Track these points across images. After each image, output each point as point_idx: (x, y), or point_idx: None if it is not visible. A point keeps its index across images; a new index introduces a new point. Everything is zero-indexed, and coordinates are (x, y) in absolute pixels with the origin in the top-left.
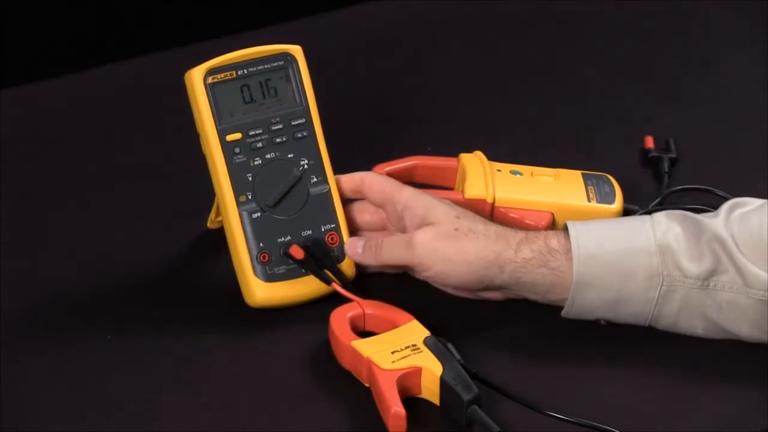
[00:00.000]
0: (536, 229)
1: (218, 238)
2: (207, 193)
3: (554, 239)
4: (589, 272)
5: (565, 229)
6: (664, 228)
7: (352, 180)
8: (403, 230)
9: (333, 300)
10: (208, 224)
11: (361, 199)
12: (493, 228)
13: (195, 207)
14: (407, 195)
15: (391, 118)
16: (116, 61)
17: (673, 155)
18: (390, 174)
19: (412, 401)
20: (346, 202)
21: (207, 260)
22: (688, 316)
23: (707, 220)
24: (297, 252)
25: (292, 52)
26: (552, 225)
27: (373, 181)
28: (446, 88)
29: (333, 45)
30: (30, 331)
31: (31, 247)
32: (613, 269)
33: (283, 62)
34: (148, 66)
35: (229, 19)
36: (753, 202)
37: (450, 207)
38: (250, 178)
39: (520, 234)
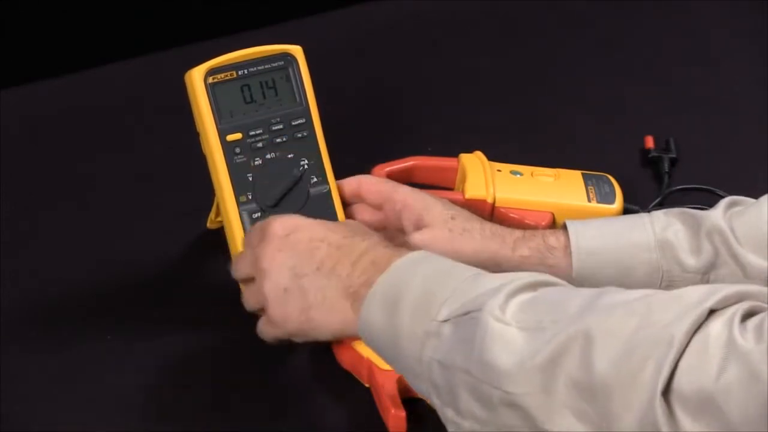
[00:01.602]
0: (536, 229)
1: (218, 238)
2: (207, 193)
3: (552, 237)
4: (589, 269)
5: (564, 227)
6: (663, 224)
7: (349, 184)
8: (401, 229)
9: None
10: (208, 224)
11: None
12: (489, 227)
13: (195, 207)
14: (404, 195)
15: (391, 118)
16: (116, 61)
17: (673, 155)
18: (390, 174)
19: (412, 401)
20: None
21: (207, 260)
22: None
23: (706, 213)
24: None
25: (292, 52)
26: (552, 225)
27: (370, 183)
28: (446, 88)
29: (333, 45)
30: (30, 331)
31: (31, 247)
32: (613, 265)
33: (283, 62)
34: (148, 66)
35: (229, 19)
36: (751, 201)
37: (446, 207)
38: (250, 179)
39: (517, 233)
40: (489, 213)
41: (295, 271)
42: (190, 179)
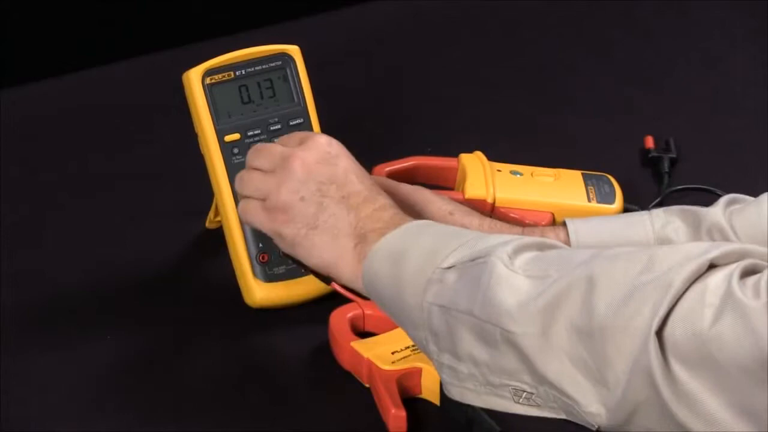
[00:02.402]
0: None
1: (218, 238)
2: (207, 193)
3: (551, 233)
4: None
5: (564, 224)
6: (663, 221)
7: None
8: None
9: (333, 300)
10: (207, 224)
11: None
12: (488, 222)
13: (195, 207)
14: (402, 191)
15: (391, 118)
16: (116, 61)
17: (673, 155)
18: (390, 174)
19: (412, 401)
20: None
21: (207, 260)
22: None
23: (705, 210)
24: None
25: (289, 52)
26: (552, 225)
27: None
28: (446, 88)
29: (333, 45)
30: (30, 331)
31: (31, 248)
32: None
33: (280, 62)
34: (148, 66)
35: (228, 19)
36: (751, 199)
37: (444, 203)
38: None
39: (516, 229)
40: (489, 213)
41: (323, 188)
42: (190, 179)
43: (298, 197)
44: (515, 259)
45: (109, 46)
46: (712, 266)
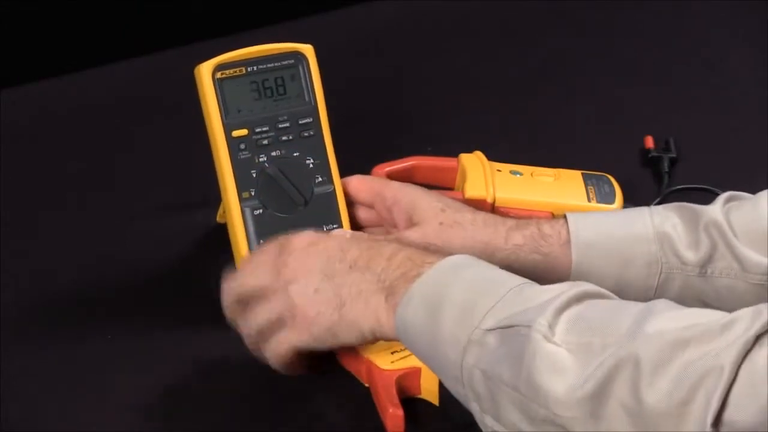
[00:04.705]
0: None
1: (218, 238)
2: (207, 193)
3: (547, 225)
4: (588, 261)
5: (562, 218)
6: (662, 217)
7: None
8: (394, 226)
9: None
10: (218, 219)
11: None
12: (482, 216)
13: (195, 207)
14: (393, 189)
15: (391, 118)
16: (116, 61)
17: (673, 155)
18: (390, 174)
19: (411, 401)
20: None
21: (208, 259)
22: (687, 303)
23: (704, 207)
24: None
25: (303, 51)
26: (551, 218)
27: (358, 182)
28: (446, 88)
29: (333, 45)
30: (30, 330)
31: (31, 247)
32: (612, 257)
33: (293, 60)
34: (149, 66)
35: (225, 19)
36: (749, 196)
37: (435, 199)
38: (254, 175)
39: (510, 222)
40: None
41: (326, 272)
42: (190, 179)
43: (312, 291)
44: (556, 326)
45: (110, 45)
46: (759, 335)
